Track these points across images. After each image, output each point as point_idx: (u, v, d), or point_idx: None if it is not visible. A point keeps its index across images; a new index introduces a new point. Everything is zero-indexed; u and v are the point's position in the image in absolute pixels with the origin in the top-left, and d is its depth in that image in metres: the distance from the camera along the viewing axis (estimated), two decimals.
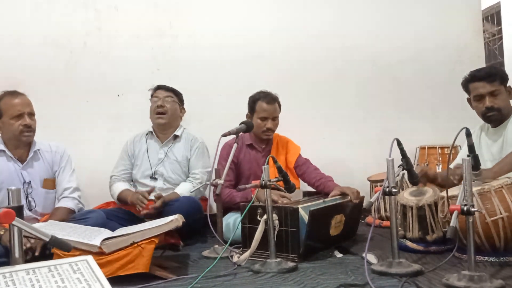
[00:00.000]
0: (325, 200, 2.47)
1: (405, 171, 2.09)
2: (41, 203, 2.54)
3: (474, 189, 1.97)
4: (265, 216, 2.12)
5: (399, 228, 2.25)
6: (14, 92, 2.49)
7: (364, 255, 1.90)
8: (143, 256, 1.89)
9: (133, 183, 3.00)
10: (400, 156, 2.05)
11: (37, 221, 2.41)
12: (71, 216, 2.46)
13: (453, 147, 2.03)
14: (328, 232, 2.36)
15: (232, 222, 2.58)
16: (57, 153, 2.62)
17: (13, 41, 3.10)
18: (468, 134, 1.89)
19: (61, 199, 2.56)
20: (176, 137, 3.01)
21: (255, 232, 2.14)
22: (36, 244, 2.07)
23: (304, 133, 3.24)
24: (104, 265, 1.84)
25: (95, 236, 1.97)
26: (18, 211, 1.32)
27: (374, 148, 3.37)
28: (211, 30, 3.36)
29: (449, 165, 2.12)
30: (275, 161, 2.18)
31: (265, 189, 2.09)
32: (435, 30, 3.63)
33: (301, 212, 2.20)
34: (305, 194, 2.83)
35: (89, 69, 3.20)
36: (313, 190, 2.86)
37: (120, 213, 2.70)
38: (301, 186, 2.98)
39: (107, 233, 2.02)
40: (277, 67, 3.42)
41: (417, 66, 3.61)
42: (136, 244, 1.92)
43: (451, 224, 1.58)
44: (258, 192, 2.25)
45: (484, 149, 2.48)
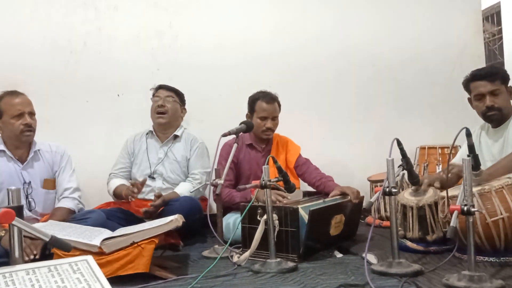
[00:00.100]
0: (325, 200, 2.47)
1: (405, 171, 2.09)
2: (41, 204, 2.54)
3: (475, 189, 1.97)
4: (265, 216, 2.12)
5: (399, 228, 2.25)
6: (14, 92, 2.49)
7: (364, 255, 1.90)
8: (143, 256, 1.89)
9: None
10: (400, 156, 2.05)
11: (37, 222, 2.41)
12: (71, 216, 2.45)
13: (453, 147, 2.02)
14: (328, 232, 2.35)
15: (232, 222, 2.58)
16: (57, 153, 2.62)
17: (13, 41, 3.10)
18: (468, 134, 1.89)
19: (61, 199, 2.56)
20: (176, 137, 3.01)
21: (255, 232, 2.14)
22: (36, 246, 2.07)
23: (304, 133, 3.24)
24: (104, 265, 1.84)
25: (95, 236, 1.97)
26: (18, 211, 1.32)
27: (374, 148, 3.37)
28: (211, 30, 3.36)
29: (449, 162, 2.11)
30: (275, 161, 2.18)
31: (265, 189, 2.09)
32: (435, 30, 3.63)
33: (301, 212, 2.20)
34: (305, 194, 2.83)
35: (89, 69, 3.21)
36: (313, 190, 2.86)
37: (120, 213, 2.70)
38: (301, 186, 2.98)
39: (107, 233, 2.02)
40: (277, 67, 3.42)
41: (417, 66, 3.61)
42: (136, 244, 1.92)
43: (451, 224, 1.58)
44: (258, 193, 2.25)
45: (484, 149, 2.48)
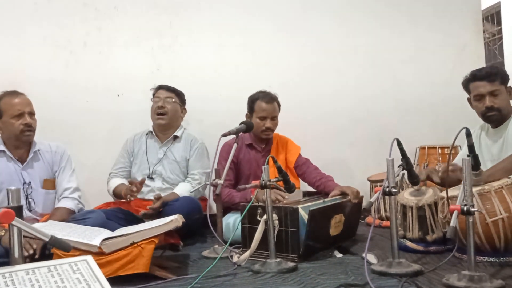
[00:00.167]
0: (325, 200, 2.47)
1: (405, 171, 2.09)
2: (41, 204, 2.54)
3: (474, 190, 1.97)
4: (265, 216, 2.11)
5: (399, 228, 2.25)
6: (14, 92, 2.49)
7: (364, 255, 1.90)
8: (143, 256, 1.89)
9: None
10: (400, 156, 2.05)
11: (37, 222, 2.41)
12: (71, 216, 2.45)
13: (453, 147, 2.02)
14: (328, 232, 2.35)
15: (232, 222, 2.58)
16: (57, 153, 2.62)
17: (13, 41, 3.10)
18: (468, 134, 1.89)
19: (61, 199, 2.56)
20: (176, 138, 3.01)
21: (255, 232, 2.13)
22: (36, 245, 2.07)
23: (304, 133, 3.25)
24: (104, 265, 1.84)
25: (95, 236, 1.97)
26: (18, 211, 1.32)
27: (374, 148, 3.37)
28: (211, 30, 3.35)
29: (449, 164, 2.11)
30: (275, 161, 2.18)
31: (265, 189, 2.09)
32: (435, 30, 3.63)
33: (301, 212, 2.20)
34: (305, 194, 2.83)
35: (89, 69, 3.21)
36: (313, 190, 2.86)
37: (120, 213, 2.69)
38: (301, 186, 2.98)
39: (107, 233, 2.02)
40: (278, 67, 3.42)
41: (417, 66, 3.61)
42: (136, 244, 1.92)
43: (451, 224, 1.58)
44: (258, 193, 2.24)
45: (484, 149, 2.47)
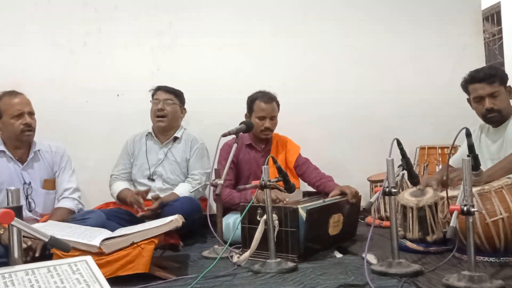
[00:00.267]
0: (325, 200, 2.47)
1: (405, 171, 2.09)
2: (41, 204, 2.53)
3: (474, 190, 1.97)
4: (265, 216, 2.11)
5: (399, 229, 2.25)
6: (13, 92, 2.49)
7: (364, 255, 1.90)
8: (143, 257, 1.88)
9: (132, 183, 3.01)
10: (400, 156, 2.05)
11: (37, 222, 2.40)
12: (71, 217, 2.45)
13: (453, 147, 2.02)
14: (327, 232, 2.35)
15: (232, 222, 2.57)
16: (57, 154, 2.62)
17: (13, 41, 3.10)
18: (468, 134, 1.89)
19: (61, 200, 2.56)
20: (176, 139, 3.00)
21: (255, 232, 2.13)
22: (36, 244, 2.07)
23: (304, 133, 3.24)
24: (104, 266, 1.84)
25: (95, 237, 1.97)
26: (17, 211, 1.32)
27: (374, 148, 3.37)
28: (211, 30, 3.35)
29: (449, 163, 2.11)
30: (275, 161, 2.18)
31: (265, 190, 2.09)
32: (435, 30, 3.63)
33: (301, 212, 2.19)
34: (305, 194, 2.83)
35: (89, 69, 3.21)
36: (313, 190, 2.86)
37: (120, 214, 2.69)
38: (301, 186, 2.97)
39: (107, 234, 2.02)
40: (278, 67, 3.42)
41: (417, 66, 3.61)
42: (136, 245, 1.92)
43: (451, 225, 1.57)
44: (258, 194, 2.24)
45: (484, 149, 2.47)
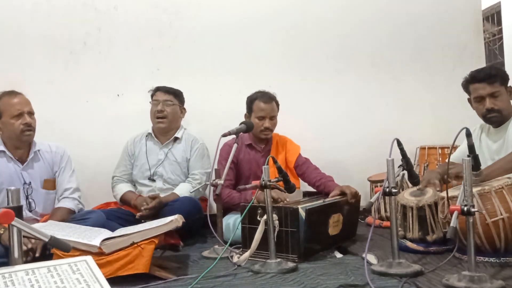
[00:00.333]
0: (325, 200, 2.47)
1: (405, 171, 2.09)
2: (41, 204, 2.54)
3: (475, 190, 1.97)
4: (265, 217, 2.11)
5: (399, 229, 2.25)
6: (12, 92, 2.49)
7: (364, 256, 1.90)
8: (143, 257, 1.88)
9: (134, 184, 3.01)
10: (400, 156, 2.05)
11: (37, 222, 2.40)
12: (71, 217, 2.45)
13: (453, 147, 2.02)
14: (327, 232, 2.35)
15: (232, 223, 2.57)
16: (57, 154, 2.62)
17: (13, 41, 3.10)
18: (468, 134, 1.89)
19: (61, 200, 2.56)
20: (177, 139, 3.00)
21: (255, 233, 2.13)
22: (37, 245, 2.07)
23: (304, 133, 3.24)
24: (104, 266, 1.84)
25: (95, 237, 1.97)
26: (18, 211, 1.32)
27: (374, 148, 3.37)
28: (211, 30, 3.35)
29: (449, 163, 2.11)
30: (275, 161, 2.18)
31: (265, 190, 2.09)
32: (435, 30, 3.63)
33: (301, 212, 2.19)
34: (305, 194, 2.83)
35: (89, 69, 3.21)
36: (313, 190, 2.86)
37: (120, 214, 2.70)
38: (301, 186, 2.97)
39: (107, 234, 2.02)
40: (278, 67, 3.42)
41: (417, 66, 3.61)
42: (136, 245, 1.92)
43: (451, 225, 1.57)
44: (258, 195, 2.24)
45: (485, 149, 2.47)
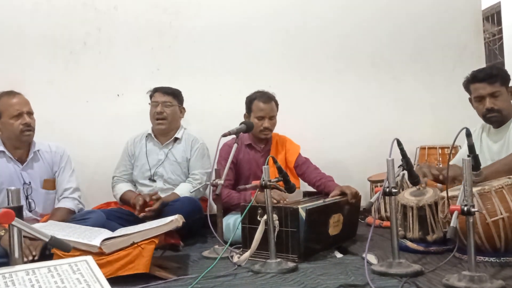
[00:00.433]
0: (325, 200, 2.47)
1: (405, 171, 2.09)
2: (41, 204, 2.54)
3: (475, 190, 1.97)
4: (265, 217, 2.11)
5: (399, 228, 2.25)
6: (11, 92, 2.49)
7: (364, 256, 1.90)
8: (143, 257, 1.89)
9: (134, 184, 3.00)
10: (400, 156, 2.05)
11: (37, 222, 2.40)
12: (71, 217, 2.45)
13: (453, 147, 2.02)
14: (327, 232, 2.35)
15: (232, 223, 2.57)
16: (57, 154, 2.62)
17: (13, 41, 3.10)
18: (468, 134, 1.89)
19: (61, 200, 2.56)
20: (177, 139, 3.00)
21: (255, 233, 2.13)
22: (36, 245, 2.07)
23: (304, 133, 3.24)
24: (104, 266, 1.84)
25: (95, 237, 1.97)
26: (18, 211, 1.32)
27: (374, 148, 3.37)
28: (211, 30, 3.35)
29: (449, 163, 2.11)
30: (275, 161, 2.18)
31: (265, 190, 2.08)
32: (435, 30, 3.63)
33: (301, 212, 2.19)
34: (305, 194, 2.83)
35: (89, 69, 3.21)
36: (314, 190, 2.86)
37: (120, 214, 2.69)
38: (301, 186, 2.97)
39: (107, 234, 2.02)
40: (278, 67, 3.42)
41: (417, 66, 3.61)
42: (136, 245, 1.92)
43: (451, 225, 1.57)
44: (258, 195, 2.24)
45: (485, 149, 2.47)
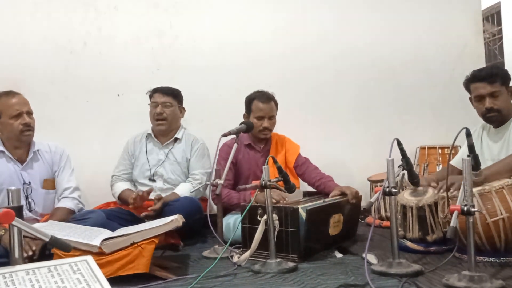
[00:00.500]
0: (325, 200, 2.47)
1: (405, 171, 2.09)
2: (41, 204, 2.53)
3: (475, 190, 1.97)
4: (265, 217, 2.11)
5: (399, 229, 2.25)
6: (10, 92, 2.48)
7: (364, 255, 1.90)
8: (143, 256, 1.89)
9: (133, 183, 3.01)
10: (400, 156, 2.05)
11: (37, 222, 2.40)
12: (71, 216, 2.45)
13: (453, 147, 2.02)
14: (328, 232, 2.35)
15: (232, 222, 2.57)
16: (57, 153, 2.62)
17: (13, 41, 3.10)
18: (468, 134, 1.89)
19: (61, 199, 2.55)
20: (177, 140, 3.00)
21: (255, 232, 2.13)
22: (36, 247, 2.07)
23: (304, 133, 3.24)
24: (104, 265, 1.84)
25: (95, 236, 1.97)
26: (18, 211, 1.32)
27: (374, 148, 3.37)
28: (211, 31, 3.35)
29: (449, 164, 2.11)
30: (275, 161, 2.18)
31: (265, 190, 2.08)
32: (436, 30, 3.63)
33: (301, 212, 2.19)
34: (305, 194, 2.83)
35: (89, 69, 3.21)
36: (313, 190, 2.86)
37: (120, 213, 2.69)
38: (301, 186, 2.97)
39: (107, 233, 2.02)
40: (278, 68, 3.42)
41: (417, 66, 3.60)
42: (136, 244, 1.92)
43: (451, 224, 1.58)
44: (258, 195, 2.24)
45: (485, 149, 2.47)
